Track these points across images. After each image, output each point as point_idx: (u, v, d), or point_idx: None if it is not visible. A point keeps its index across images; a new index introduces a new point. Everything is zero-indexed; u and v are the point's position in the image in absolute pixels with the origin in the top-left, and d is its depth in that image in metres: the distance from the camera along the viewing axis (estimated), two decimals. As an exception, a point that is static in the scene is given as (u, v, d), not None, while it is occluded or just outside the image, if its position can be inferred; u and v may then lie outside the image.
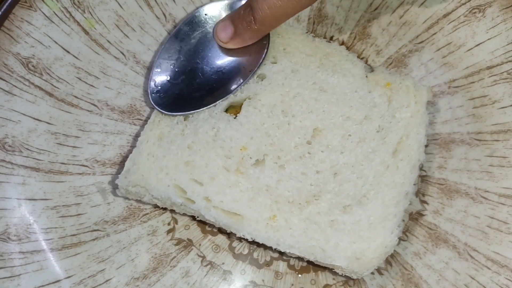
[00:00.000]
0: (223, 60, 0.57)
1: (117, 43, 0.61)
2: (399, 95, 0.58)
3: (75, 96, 0.58)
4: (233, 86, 0.57)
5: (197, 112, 0.57)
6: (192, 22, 0.58)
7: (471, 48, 0.61)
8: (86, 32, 0.59)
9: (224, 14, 0.58)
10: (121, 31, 0.61)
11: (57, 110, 0.58)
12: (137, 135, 0.59)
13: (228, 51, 0.57)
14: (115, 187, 0.57)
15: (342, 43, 0.64)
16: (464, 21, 0.61)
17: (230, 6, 0.58)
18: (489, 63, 0.60)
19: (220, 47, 0.57)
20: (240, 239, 0.58)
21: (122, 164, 0.58)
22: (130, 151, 0.59)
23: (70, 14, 0.59)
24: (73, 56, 0.59)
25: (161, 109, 0.57)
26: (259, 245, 0.56)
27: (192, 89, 0.57)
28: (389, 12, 0.63)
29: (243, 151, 0.56)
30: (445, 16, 0.62)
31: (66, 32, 0.59)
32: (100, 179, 0.58)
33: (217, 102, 0.57)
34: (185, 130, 0.56)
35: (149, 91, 0.57)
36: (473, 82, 0.61)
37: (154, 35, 0.62)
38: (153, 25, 0.62)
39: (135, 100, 0.60)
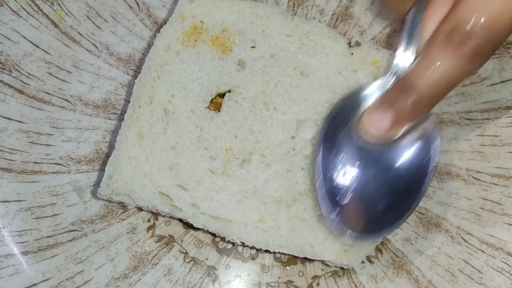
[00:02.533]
0: (390, 155, 0.48)
1: (89, 35, 0.59)
2: (384, 72, 0.56)
3: (47, 92, 0.57)
4: (417, 183, 0.48)
5: (398, 226, 0.49)
6: (335, 121, 0.50)
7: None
8: (56, 25, 0.57)
9: (365, 102, 0.49)
10: (93, 22, 0.59)
11: (28, 107, 0.56)
12: (114, 130, 0.57)
13: (389, 147, 0.48)
14: (93, 185, 0.55)
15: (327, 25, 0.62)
16: None
17: (368, 92, 0.50)
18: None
19: (378, 146, 0.48)
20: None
21: (98, 161, 0.57)
22: (107, 147, 0.57)
23: (38, 7, 0.57)
24: (43, 50, 0.57)
25: (355, 233, 0.48)
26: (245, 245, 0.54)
27: (372, 201, 0.48)
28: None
29: (229, 152, 0.54)
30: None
31: (35, 26, 0.57)
32: (76, 177, 0.56)
33: (409, 212, 0.48)
34: (167, 128, 0.54)
35: (329, 219, 0.49)
36: (461, 60, 0.59)
37: (128, 25, 0.60)
38: (126, 14, 0.60)
39: (110, 93, 0.58)
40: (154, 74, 0.55)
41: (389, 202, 0.48)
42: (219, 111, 0.55)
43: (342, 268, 0.56)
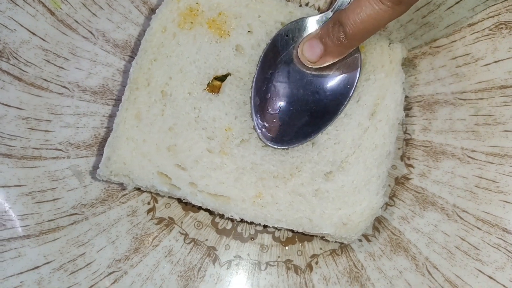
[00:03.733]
0: (317, 80, 0.55)
1: (85, 22, 0.59)
2: (373, 57, 0.57)
3: (45, 79, 0.57)
4: (336, 105, 0.55)
5: (306, 142, 0.55)
6: (275, 46, 0.56)
7: (451, 6, 0.60)
8: (52, 13, 0.58)
9: (304, 31, 0.55)
10: (89, 10, 0.59)
11: (27, 94, 0.56)
12: (111, 115, 0.58)
13: (317, 70, 0.54)
14: (92, 169, 0.56)
15: (318, 9, 0.62)
16: None
17: (310, 23, 0.55)
18: (470, 20, 0.59)
19: (308, 67, 0.54)
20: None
21: (97, 146, 0.57)
22: (105, 132, 0.58)
23: (34, -5, 0.57)
24: (40, 38, 0.57)
25: (273, 144, 0.54)
26: (244, 220, 0.54)
27: (295, 117, 0.54)
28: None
29: (228, 132, 0.54)
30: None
31: (31, 14, 0.57)
32: (75, 162, 0.56)
33: (326, 127, 0.55)
34: (165, 110, 0.55)
35: (256, 129, 0.54)
36: (455, 41, 0.59)
37: (123, 12, 0.60)
38: (121, 1, 0.60)
39: (107, 79, 0.59)
40: (151, 56, 0.55)
41: (309, 118, 0.54)
42: (217, 93, 0.55)
43: (340, 246, 0.56)
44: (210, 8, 0.57)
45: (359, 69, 0.55)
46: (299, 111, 0.54)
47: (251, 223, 0.56)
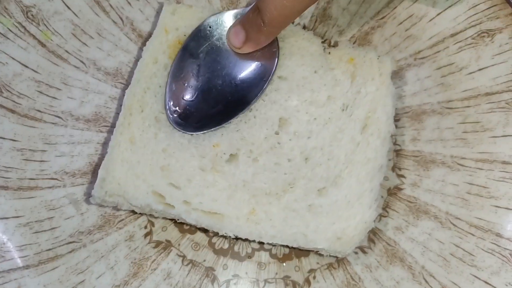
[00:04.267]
0: (235, 72, 0.56)
1: (76, 52, 0.60)
2: (363, 69, 0.58)
3: (38, 110, 0.58)
4: (250, 97, 0.56)
5: (218, 129, 0.56)
6: (197, 36, 0.57)
7: (433, 18, 0.61)
8: (43, 45, 0.59)
9: (227, 24, 0.56)
10: (79, 39, 0.60)
11: (21, 126, 0.57)
12: (105, 143, 0.59)
13: (238, 62, 0.56)
14: (87, 196, 0.57)
15: (304, 27, 0.63)
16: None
17: (234, 16, 0.56)
18: (453, 30, 0.60)
19: (229, 59, 0.56)
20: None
21: (92, 173, 0.58)
22: (99, 159, 0.58)
23: (25, 29, 0.58)
24: (32, 70, 0.58)
25: (182, 129, 0.55)
26: (239, 238, 0.55)
27: (209, 105, 0.55)
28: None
29: (216, 148, 0.55)
30: None
31: (23, 47, 0.58)
32: (71, 190, 0.57)
33: (238, 115, 0.56)
34: (158, 133, 0.56)
35: (168, 113, 0.56)
36: (439, 51, 0.60)
37: (113, 40, 0.61)
38: (111, 30, 0.61)
39: (100, 107, 0.60)
40: (144, 85, 0.57)
41: (223, 107, 0.56)
42: None
43: (336, 259, 0.57)
44: None
45: (275, 63, 0.56)
46: (214, 100, 0.55)
47: (246, 240, 0.56)
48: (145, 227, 0.58)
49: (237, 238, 0.55)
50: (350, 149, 0.56)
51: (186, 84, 0.56)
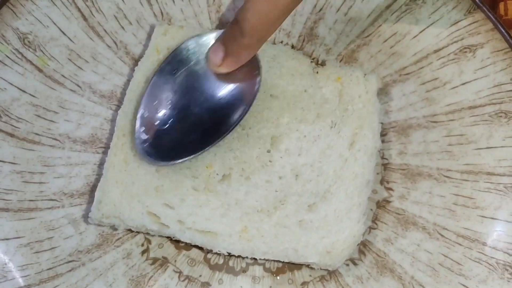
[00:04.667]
0: (213, 98, 0.54)
1: (72, 76, 0.61)
2: (350, 87, 0.60)
3: (36, 133, 0.59)
4: (228, 124, 0.54)
5: (192, 157, 0.55)
6: (174, 60, 0.56)
7: (416, 35, 0.63)
8: (40, 70, 0.60)
9: (207, 46, 0.55)
10: (74, 64, 0.62)
11: (20, 149, 0.58)
12: (102, 163, 0.60)
13: (216, 88, 0.54)
14: (86, 216, 0.58)
15: (292, 47, 0.65)
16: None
17: (214, 38, 0.55)
18: (436, 47, 0.62)
19: (208, 85, 0.54)
20: (215, 251, 0.59)
21: (90, 193, 0.59)
22: (96, 180, 0.60)
23: (22, 55, 0.60)
24: (30, 95, 0.60)
25: (153, 159, 0.54)
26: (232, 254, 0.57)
27: (184, 132, 0.54)
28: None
29: (209, 169, 0.57)
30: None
31: (20, 72, 0.60)
32: (70, 210, 0.58)
33: (215, 143, 0.54)
34: None
35: (136, 142, 0.55)
36: (423, 67, 0.62)
37: (107, 64, 0.63)
38: (105, 54, 0.63)
39: (96, 129, 0.61)
40: (136, 105, 0.58)
41: (199, 135, 0.54)
42: None
43: (328, 272, 0.58)
44: None
45: (256, 90, 0.54)
46: (190, 128, 0.54)
47: (240, 256, 0.58)
48: (142, 245, 0.59)
49: (230, 255, 0.57)
50: (339, 165, 0.57)
51: (159, 111, 0.55)
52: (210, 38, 0.55)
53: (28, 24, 0.60)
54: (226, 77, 0.54)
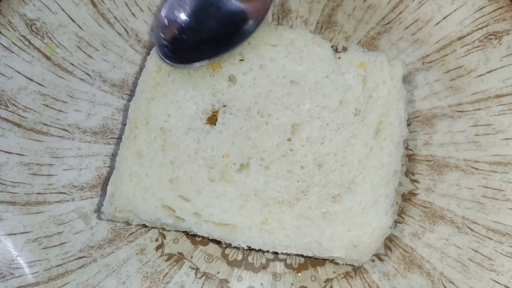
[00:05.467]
0: (227, 9, 0.56)
1: (81, 64, 0.59)
2: (374, 73, 0.57)
3: (44, 124, 0.57)
4: (241, 36, 0.56)
5: (206, 63, 0.56)
6: None
7: (439, 22, 0.60)
8: (48, 58, 0.58)
9: None
10: (84, 52, 0.60)
11: (27, 140, 0.56)
12: (113, 155, 0.58)
13: (236, 5, 0.56)
14: (97, 209, 0.56)
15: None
16: None
17: None
18: (459, 34, 0.60)
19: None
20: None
21: (101, 186, 0.57)
22: (108, 172, 0.57)
23: (29, 42, 0.58)
24: (37, 83, 0.58)
25: (170, 61, 0.55)
26: (252, 248, 0.54)
27: (200, 39, 0.55)
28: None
29: (226, 158, 0.55)
30: None
31: (27, 60, 0.58)
32: (80, 204, 0.56)
33: (228, 51, 0.56)
34: (165, 145, 0.55)
35: (156, 44, 0.56)
36: (446, 55, 0.60)
37: (118, 52, 0.61)
38: (116, 42, 0.61)
39: (107, 119, 0.59)
40: (148, 96, 0.56)
41: (214, 43, 0.56)
42: (214, 124, 0.56)
43: (353, 268, 0.56)
44: None
45: (270, 3, 0.56)
46: (206, 35, 0.56)
47: (260, 250, 0.55)
48: (157, 240, 0.57)
49: (250, 249, 0.54)
50: (364, 155, 0.55)
51: (178, 17, 0.56)
52: None
53: (35, 10, 0.58)
54: None
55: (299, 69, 0.57)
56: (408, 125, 0.60)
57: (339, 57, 0.58)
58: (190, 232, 0.55)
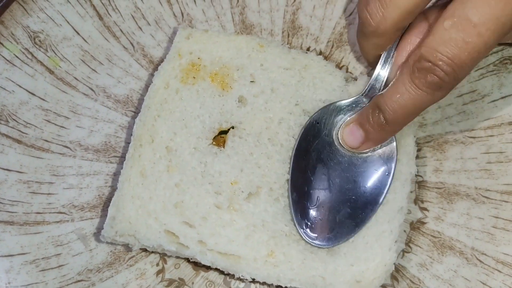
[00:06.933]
0: (353, 169, 0.53)
1: (85, 79, 0.58)
2: None
3: (45, 140, 0.56)
4: (375, 196, 0.52)
5: (351, 238, 0.52)
6: (307, 135, 0.54)
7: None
8: (51, 72, 0.57)
9: (336, 118, 0.54)
10: (88, 66, 0.59)
11: (27, 156, 0.55)
12: (115, 174, 0.57)
13: (353, 156, 0.53)
14: (97, 231, 0.54)
15: (320, 53, 0.62)
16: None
17: (339, 109, 0.54)
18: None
19: (344, 153, 0.53)
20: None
21: (101, 206, 0.56)
22: (109, 192, 0.56)
23: (32, 55, 0.57)
24: (40, 98, 0.56)
25: (315, 243, 0.52)
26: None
27: (335, 210, 0.52)
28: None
29: (234, 185, 0.53)
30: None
31: (30, 74, 0.56)
32: (80, 225, 0.55)
33: (369, 220, 0.52)
34: (170, 166, 0.53)
35: (298, 227, 0.52)
36: (460, 78, 0.59)
37: (123, 67, 0.60)
38: (121, 56, 0.60)
39: (110, 136, 0.58)
40: (154, 113, 0.55)
41: (350, 209, 0.52)
42: (223, 147, 0.54)
43: (359, 300, 0.54)
44: (212, 62, 0.56)
45: (395, 155, 0.53)
46: (338, 203, 0.52)
47: (264, 283, 0.54)
48: (157, 264, 0.55)
49: (254, 281, 0.53)
50: None
51: (306, 190, 0.53)
52: (338, 110, 0.54)
53: (39, 22, 0.57)
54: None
55: (312, 97, 0.56)
56: (419, 150, 0.58)
57: (348, 88, 0.57)
58: (191, 259, 0.53)
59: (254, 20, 0.62)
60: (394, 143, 0.53)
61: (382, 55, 0.53)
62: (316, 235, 0.52)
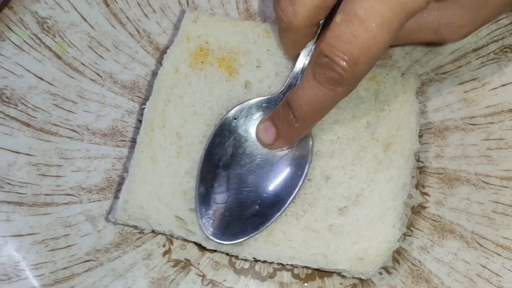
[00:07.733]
0: (266, 167, 0.53)
1: (92, 64, 0.59)
2: (386, 87, 0.56)
3: (54, 124, 0.57)
4: (285, 195, 0.52)
5: (258, 233, 0.52)
6: (222, 130, 0.54)
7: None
8: (59, 57, 0.58)
9: (254, 115, 0.54)
10: (95, 52, 0.59)
11: (36, 140, 0.56)
12: (123, 158, 0.57)
13: (268, 156, 0.53)
14: (105, 212, 0.55)
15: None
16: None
17: (257, 106, 0.54)
18: (475, 45, 0.59)
19: (259, 151, 0.53)
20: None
21: (109, 188, 0.57)
22: (116, 175, 0.57)
23: (41, 40, 0.57)
24: (48, 83, 0.57)
25: (216, 238, 0.52)
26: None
27: (243, 207, 0.52)
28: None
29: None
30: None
31: (38, 59, 0.57)
32: (88, 206, 0.56)
33: (274, 218, 0.52)
34: (180, 152, 0.54)
35: (200, 222, 0.52)
36: (461, 66, 0.60)
37: (130, 53, 0.60)
38: (128, 42, 0.60)
39: (117, 121, 0.59)
40: (165, 97, 0.55)
41: (259, 207, 0.52)
42: None
43: (360, 280, 0.55)
44: (219, 47, 0.57)
45: (310, 156, 0.53)
46: (248, 199, 0.52)
47: (265, 261, 0.54)
48: (164, 245, 0.56)
49: (256, 260, 0.54)
50: (373, 168, 0.54)
51: (216, 185, 0.53)
52: (255, 106, 0.54)
53: (47, 8, 0.58)
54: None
55: None
56: (420, 136, 0.59)
57: None
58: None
59: (258, 8, 0.62)
60: (310, 144, 0.53)
61: (301, 52, 0.52)
62: (216, 231, 0.52)
